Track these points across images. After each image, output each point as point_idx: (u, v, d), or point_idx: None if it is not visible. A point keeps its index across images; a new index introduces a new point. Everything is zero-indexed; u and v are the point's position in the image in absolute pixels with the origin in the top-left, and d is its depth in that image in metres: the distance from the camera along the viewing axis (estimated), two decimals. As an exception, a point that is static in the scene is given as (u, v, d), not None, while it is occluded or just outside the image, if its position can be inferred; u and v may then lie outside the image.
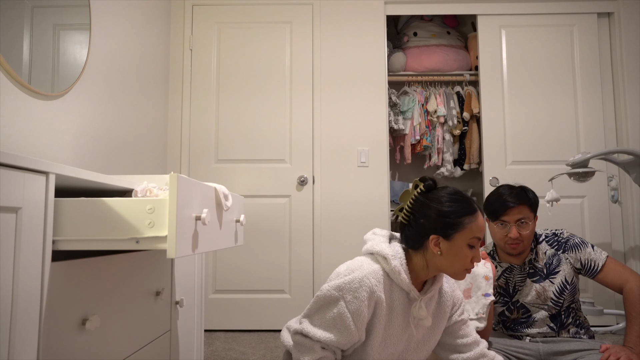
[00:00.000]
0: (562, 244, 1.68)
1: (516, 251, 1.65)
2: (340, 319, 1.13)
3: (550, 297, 1.64)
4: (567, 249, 1.67)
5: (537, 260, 1.68)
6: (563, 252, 1.67)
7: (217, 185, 1.24)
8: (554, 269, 1.66)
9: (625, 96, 3.12)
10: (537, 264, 1.68)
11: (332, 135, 3.12)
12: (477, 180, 3.69)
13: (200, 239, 1.09)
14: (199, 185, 1.11)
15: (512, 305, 1.68)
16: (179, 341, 1.65)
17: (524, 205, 1.62)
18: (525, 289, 1.67)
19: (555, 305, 1.64)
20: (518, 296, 1.68)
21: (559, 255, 1.67)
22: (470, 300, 1.52)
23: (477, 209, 1.19)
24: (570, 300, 1.66)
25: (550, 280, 1.65)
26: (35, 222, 0.87)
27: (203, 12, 3.20)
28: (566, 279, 1.65)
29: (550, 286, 1.65)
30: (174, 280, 1.59)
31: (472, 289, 1.51)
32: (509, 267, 1.70)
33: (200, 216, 1.06)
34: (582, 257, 1.65)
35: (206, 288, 3.01)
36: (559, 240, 1.70)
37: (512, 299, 1.68)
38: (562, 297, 1.64)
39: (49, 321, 0.91)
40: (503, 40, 3.24)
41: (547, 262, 1.67)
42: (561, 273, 1.65)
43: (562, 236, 1.70)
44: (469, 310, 1.51)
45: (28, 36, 1.64)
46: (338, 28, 3.19)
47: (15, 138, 1.58)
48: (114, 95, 2.28)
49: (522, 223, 1.62)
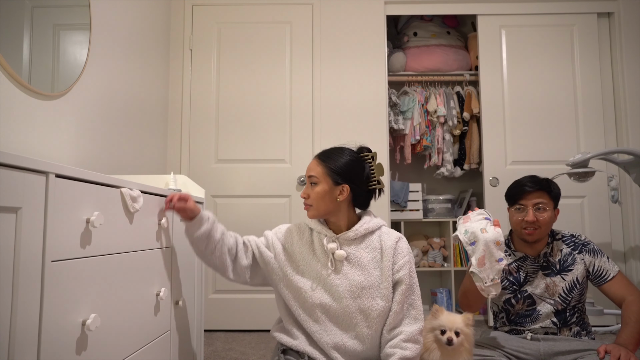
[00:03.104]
0: (580, 246, 1.70)
1: (532, 238, 1.67)
2: (264, 237, 1.54)
3: (559, 292, 1.65)
4: (585, 251, 1.69)
5: (552, 255, 1.70)
6: (579, 252, 1.69)
7: (124, 189, 1.22)
8: (567, 266, 1.68)
9: (625, 96, 3.12)
10: (551, 259, 1.69)
11: (332, 135, 3.12)
12: (477, 180, 3.69)
13: (93, 241, 1.07)
14: (93, 188, 1.07)
15: (519, 294, 1.68)
16: (179, 341, 1.65)
17: (542, 191, 1.67)
18: (536, 281, 1.68)
19: (563, 302, 1.65)
20: (527, 286, 1.69)
21: (574, 255, 1.69)
22: (485, 268, 1.51)
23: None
24: (577, 300, 1.66)
25: (562, 277, 1.66)
26: (35, 222, 0.87)
27: (203, 12, 3.20)
28: (577, 279, 1.66)
29: (560, 282, 1.66)
30: (173, 280, 1.59)
31: (485, 256, 1.51)
32: (523, 257, 1.72)
33: (90, 219, 1.04)
34: (596, 262, 1.67)
35: (206, 288, 3.01)
36: (576, 241, 1.72)
37: (521, 288, 1.69)
38: (570, 294, 1.65)
39: (49, 321, 0.91)
40: (503, 40, 3.24)
41: (561, 259, 1.69)
42: (574, 272, 1.67)
43: (580, 238, 1.73)
44: (485, 278, 1.51)
45: (28, 36, 1.64)
46: (338, 28, 3.19)
47: (15, 138, 1.58)
48: (113, 95, 2.28)
49: (540, 208, 1.65)
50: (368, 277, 1.42)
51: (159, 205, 1.45)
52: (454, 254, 3.44)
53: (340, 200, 1.47)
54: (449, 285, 3.44)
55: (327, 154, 1.52)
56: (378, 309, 1.40)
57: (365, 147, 1.56)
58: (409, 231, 3.65)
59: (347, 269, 1.43)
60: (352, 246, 1.46)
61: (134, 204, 1.26)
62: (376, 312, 1.40)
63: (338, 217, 1.49)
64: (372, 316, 1.40)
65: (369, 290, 1.41)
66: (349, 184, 1.47)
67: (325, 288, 1.43)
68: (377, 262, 1.44)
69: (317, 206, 1.47)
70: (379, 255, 1.45)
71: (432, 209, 3.54)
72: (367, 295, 1.41)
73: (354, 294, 1.41)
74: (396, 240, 1.47)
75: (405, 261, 1.44)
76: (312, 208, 1.48)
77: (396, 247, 1.45)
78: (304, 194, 1.50)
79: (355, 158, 1.51)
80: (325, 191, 1.46)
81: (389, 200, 3.10)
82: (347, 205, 1.50)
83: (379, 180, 1.52)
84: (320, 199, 1.46)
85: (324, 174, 1.47)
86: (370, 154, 1.54)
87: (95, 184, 1.09)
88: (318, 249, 1.47)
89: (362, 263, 1.44)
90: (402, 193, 3.42)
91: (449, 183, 3.80)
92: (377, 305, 1.40)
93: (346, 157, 1.49)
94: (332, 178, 1.46)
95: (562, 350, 1.58)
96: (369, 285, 1.41)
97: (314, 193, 1.47)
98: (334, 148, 1.54)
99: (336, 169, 1.47)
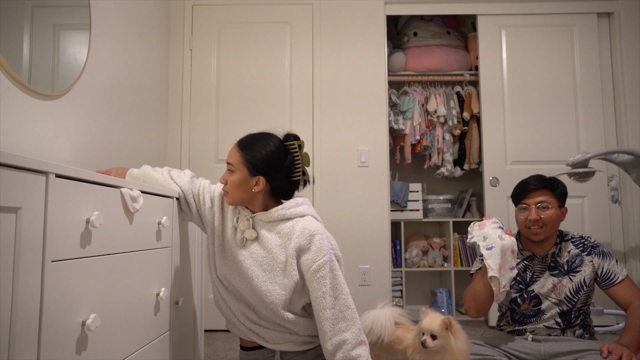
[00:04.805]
0: (589, 247, 1.70)
1: (537, 237, 1.67)
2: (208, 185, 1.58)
3: (566, 293, 1.65)
4: (594, 253, 1.68)
5: (560, 255, 1.70)
6: (588, 254, 1.68)
7: (124, 189, 1.22)
8: (575, 267, 1.67)
9: (625, 96, 3.12)
10: (559, 259, 1.69)
11: (332, 135, 3.12)
12: (477, 180, 3.69)
13: (93, 241, 1.07)
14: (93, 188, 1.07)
15: (525, 293, 1.68)
16: (179, 341, 1.65)
17: (546, 190, 1.68)
18: (543, 280, 1.68)
19: (569, 303, 1.64)
20: (534, 286, 1.68)
21: (582, 257, 1.68)
22: (500, 275, 1.54)
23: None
24: (583, 302, 1.66)
25: (570, 278, 1.66)
26: (35, 222, 0.87)
27: (203, 12, 3.20)
28: (585, 280, 1.65)
29: (568, 283, 1.65)
30: (173, 280, 1.59)
31: (502, 264, 1.53)
32: (531, 256, 1.72)
33: (90, 219, 1.04)
34: (605, 265, 1.66)
35: (206, 288, 3.01)
36: (586, 243, 1.71)
37: (528, 287, 1.69)
38: (577, 296, 1.64)
39: (49, 321, 0.91)
40: (503, 40, 3.24)
41: (569, 260, 1.69)
42: (581, 273, 1.66)
43: (590, 240, 1.72)
44: (501, 284, 1.53)
45: (28, 36, 1.64)
46: (338, 28, 3.19)
47: (15, 138, 1.58)
48: (113, 95, 2.28)
49: (543, 207, 1.65)
50: (271, 261, 1.40)
51: (160, 206, 1.45)
52: (454, 254, 3.44)
53: (255, 191, 1.43)
54: (449, 285, 3.44)
55: (247, 142, 1.46)
56: (275, 295, 1.37)
57: (292, 135, 1.49)
58: (409, 231, 3.65)
59: (254, 248, 1.42)
60: (264, 228, 1.44)
61: (134, 204, 1.26)
62: (271, 298, 1.37)
63: (254, 205, 1.47)
64: (266, 301, 1.38)
65: (269, 274, 1.39)
66: (265, 176, 1.42)
67: (234, 263, 1.44)
68: (284, 248, 1.40)
69: (233, 194, 1.44)
70: (287, 242, 1.40)
71: (432, 209, 3.54)
72: (265, 278, 1.39)
73: (254, 272, 1.39)
74: (311, 235, 1.38)
75: (325, 261, 1.36)
76: (228, 195, 1.45)
77: (312, 243, 1.38)
78: (222, 180, 1.47)
79: (277, 148, 1.44)
80: (240, 180, 1.42)
81: (388, 200, 3.10)
82: (263, 195, 1.46)
83: (304, 170, 1.48)
84: (236, 187, 1.43)
85: (240, 162, 1.43)
86: (296, 142, 1.47)
87: (95, 184, 1.08)
88: (236, 223, 1.47)
89: (269, 246, 1.41)
90: (402, 193, 3.42)
91: (449, 183, 3.80)
92: (274, 292, 1.37)
93: (268, 148, 1.43)
94: (248, 168, 1.42)
95: (562, 350, 1.58)
96: (270, 269, 1.39)
97: (230, 181, 1.43)
98: (258, 134, 1.48)
99: (253, 160, 1.42)
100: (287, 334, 1.43)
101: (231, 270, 1.45)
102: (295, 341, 1.44)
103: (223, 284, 1.48)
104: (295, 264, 1.38)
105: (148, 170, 1.59)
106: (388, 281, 3.06)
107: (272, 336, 1.43)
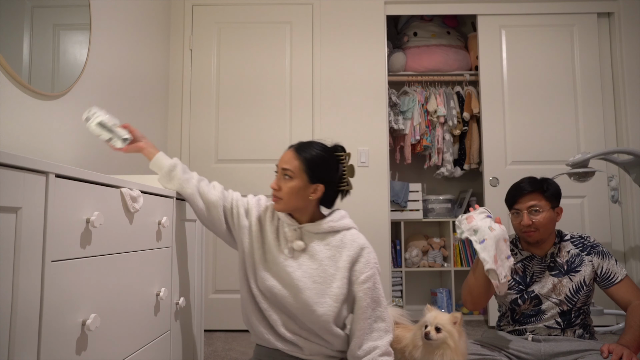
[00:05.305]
0: (588, 247, 1.70)
1: (532, 239, 1.67)
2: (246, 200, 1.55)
3: (566, 292, 1.65)
4: (593, 253, 1.68)
5: (559, 255, 1.70)
6: (588, 254, 1.68)
7: (124, 189, 1.22)
8: (575, 267, 1.67)
9: (625, 96, 3.12)
10: (559, 259, 1.69)
11: (332, 135, 3.10)
12: (477, 180, 3.69)
13: (93, 241, 1.07)
14: (93, 188, 1.07)
15: (525, 294, 1.68)
16: (179, 341, 1.65)
17: (536, 193, 1.68)
18: (542, 280, 1.68)
19: (569, 303, 1.64)
20: (534, 286, 1.68)
21: (582, 256, 1.68)
22: (498, 265, 1.52)
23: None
24: (583, 302, 1.66)
25: (570, 277, 1.66)
26: (35, 222, 0.87)
27: (203, 12, 3.20)
28: (584, 280, 1.65)
29: (568, 283, 1.65)
30: (173, 280, 1.59)
31: (497, 254, 1.52)
32: (530, 256, 1.72)
33: (90, 218, 1.04)
34: (604, 265, 1.66)
35: (206, 288, 3.01)
36: (585, 243, 1.71)
37: (528, 288, 1.69)
38: (577, 296, 1.64)
39: (49, 321, 0.91)
40: (503, 40, 3.24)
41: (568, 260, 1.69)
42: (581, 273, 1.66)
43: (589, 240, 1.72)
44: (501, 274, 1.51)
45: (28, 36, 1.64)
46: (338, 28, 3.19)
47: (15, 138, 1.58)
48: (113, 95, 2.28)
49: (534, 211, 1.65)
50: (322, 273, 1.39)
51: (160, 206, 1.45)
52: (454, 254, 3.44)
53: (312, 198, 1.43)
54: (449, 285, 3.44)
55: (304, 147, 1.45)
56: (326, 307, 1.37)
57: (340, 146, 1.51)
58: (409, 231, 3.65)
59: (303, 260, 1.41)
60: (313, 240, 1.44)
61: (134, 204, 1.26)
62: (322, 310, 1.37)
63: (304, 213, 1.46)
64: (317, 313, 1.37)
65: (320, 286, 1.38)
66: (324, 184, 1.43)
67: (279, 274, 1.41)
68: (334, 260, 1.41)
69: (288, 201, 1.42)
70: (337, 255, 1.41)
71: (432, 209, 3.54)
72: (316, 290, 1.38)
73: (305, 284, 1.38)
74: (361, 247, 1.42)
75: (372, 274, 1.40)
76: (281, 202, 1.42)
77: (361, 256, 1.41)
78: (275, 185, 1.43)
79: (332, 157, 1.46)
80: (299, 187, 1.41)
81: (389, 200, 3.10)
82: (315, 203, 1.47)
83: (348, 181, 1.50)
84: (294, 194, 1.41)
85: (300, 169, 1.41)
86: (345, 153, 1.50)
87: (95, 184, 1.08)
88: (281, 234, 1.46)
89: (319, 258, 1.41)
90: (402, 193, 3.42)
91: (449, 183, 3.80)
92: (325, 304, 1.37)
93: (325, 156, 1.45)
94: (308, 175, 1.41)
95: (563, 350, 1.58)
96: (321, 281, 1.39)
97: (287, 187, 1.41)
98: (311, 142, 1.48)
99: (314, 167, 1.41)
100: (324, 347, 1.43)
101: (276, 281, 1.42)
102: (326, 354, 1.45)
103: (264, 295, 1.44)
104: (347, 276, 1.40)
105: (178, 172, 1.53)
106: (388, 281, 3.06)
107: (309, 347, 1.42)
